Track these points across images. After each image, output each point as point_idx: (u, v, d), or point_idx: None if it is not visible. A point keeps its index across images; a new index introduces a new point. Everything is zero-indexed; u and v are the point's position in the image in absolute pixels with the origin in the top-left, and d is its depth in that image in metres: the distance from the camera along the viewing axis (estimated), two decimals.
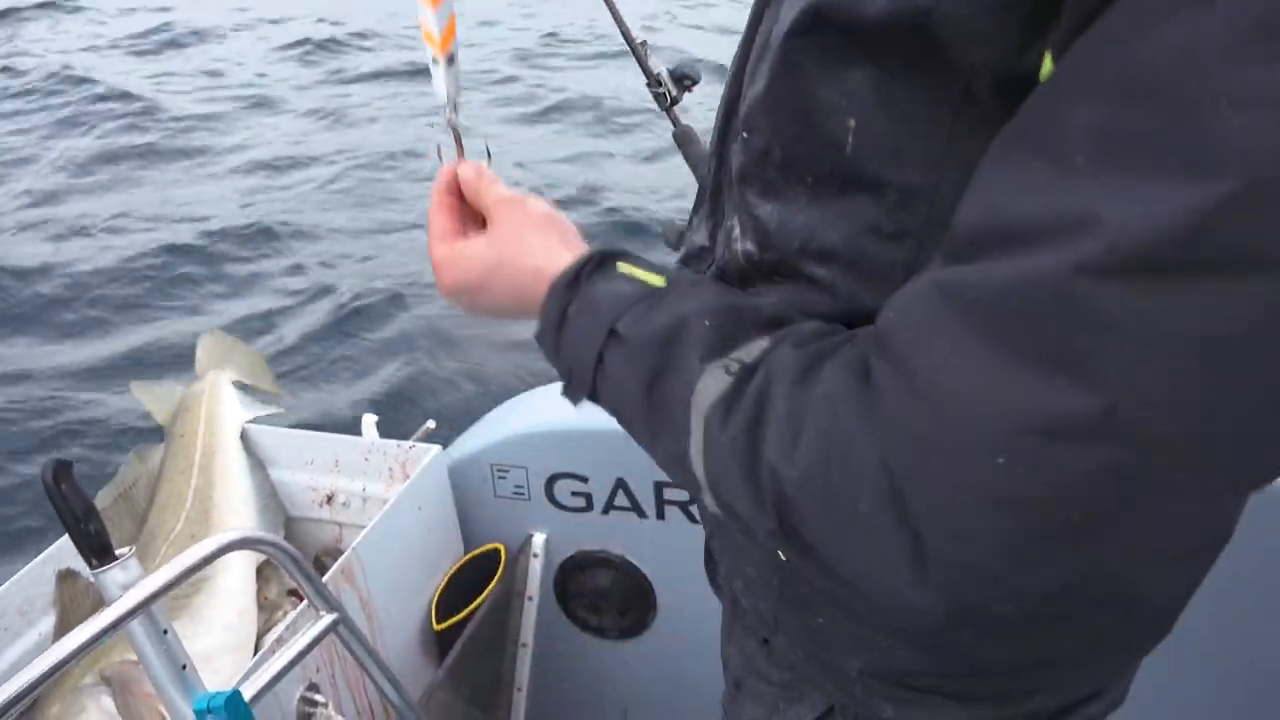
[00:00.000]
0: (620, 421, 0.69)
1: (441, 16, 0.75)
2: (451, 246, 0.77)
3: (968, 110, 0.53)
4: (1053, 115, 0.44)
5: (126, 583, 1.16)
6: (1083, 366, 0.43)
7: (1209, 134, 0.38)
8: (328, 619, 1.29)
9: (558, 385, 0.73)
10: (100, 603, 1.69)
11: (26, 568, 1.64)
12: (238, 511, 1.80)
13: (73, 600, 1.66)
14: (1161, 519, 0.47)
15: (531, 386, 1.88)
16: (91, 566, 1.16)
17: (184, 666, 1.18)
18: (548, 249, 0.72)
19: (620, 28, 1.68)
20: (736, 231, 0.71)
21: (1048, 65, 0.47)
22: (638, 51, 1.68)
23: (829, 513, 0.53)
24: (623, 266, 0.68)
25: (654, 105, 1.68)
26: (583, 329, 0.67)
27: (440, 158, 0.82)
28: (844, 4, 0.54)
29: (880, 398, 0.50)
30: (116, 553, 1.17)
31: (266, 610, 1.80)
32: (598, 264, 0.69)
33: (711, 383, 0.59)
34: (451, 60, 0.78)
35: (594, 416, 0.73)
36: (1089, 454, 0.44)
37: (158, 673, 1.16)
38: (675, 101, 1.67)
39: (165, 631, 1.16)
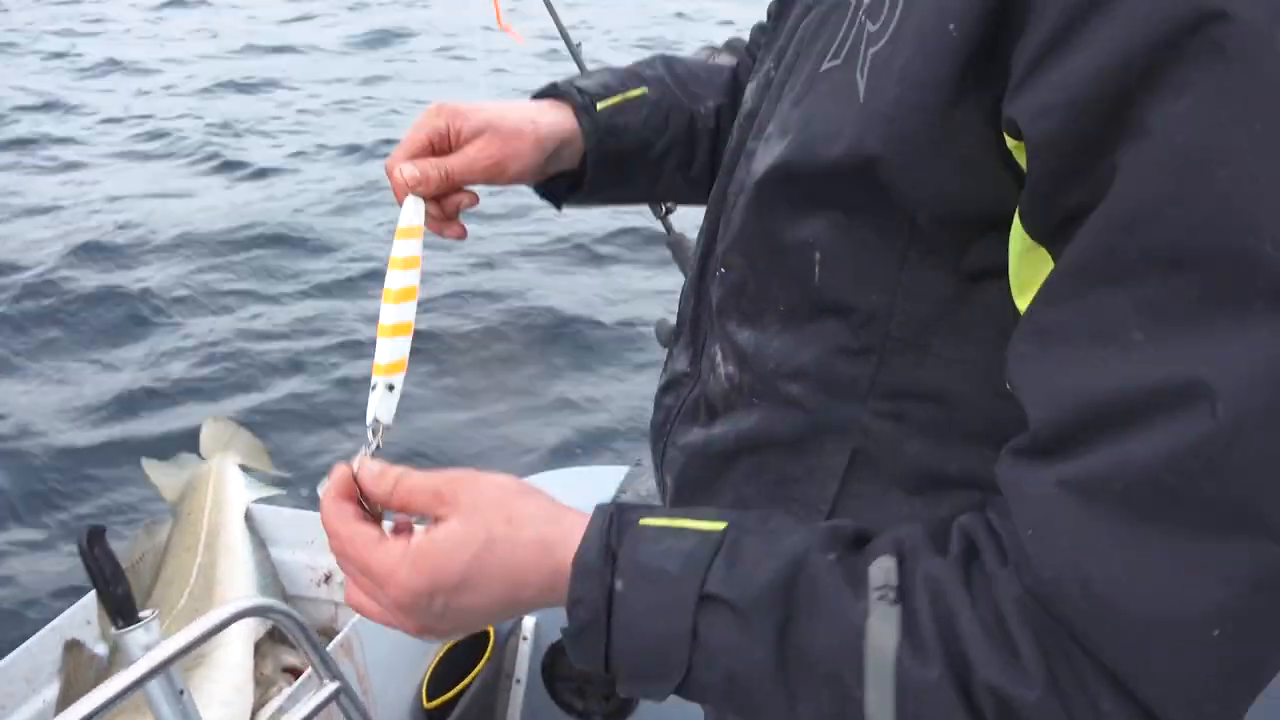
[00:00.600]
0: (731, 699, 0.59)
1: (396, 348, 0.78)
2: (394, 548, 0.62)
3: (915, 240, 0.61)
4: (1083, 309, 0.49)
5: (148, 644, 1.24)
6: (1255, 517, 0.45)
7: (1260, 276, 0.43)
8: (331, 687, 1.35)
9: (552, 473, 0.78)
10: (103, 673, 1.75)
11: (35, 636, 1.70)
12: (240, 589, 1.86)
13: (77, 670, 1.71)
14: None
15: (529, 472, 1.97)
16: (117, 626, 1.24)
17: None
18: (544, 518, 0.63)
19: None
20: (719, 358, 0.77)
21: (1017, 235, 0.53)
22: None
23: (1065, 715, 0.50)
24: (652, 520, 0.61)
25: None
26: (653, 604, 0.58)
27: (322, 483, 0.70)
28: (807, 156, 0.63)
29: (1069, 611, 0.49)
30: (140, 615, 1.25)
31: (262, 686, 1.85)
32: (619, 526, 0.61)
33: (881, 619, 0.54)
34: (391, 388, 0.78)
35: (587, 502, 0.72)
36: (1276, 589, 0.46)
37: None
38: (670, 210, 1.81)
39: (181, 693, 1.23)
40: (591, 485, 1.83)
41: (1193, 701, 0.48)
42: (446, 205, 0.86)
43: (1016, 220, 0.54)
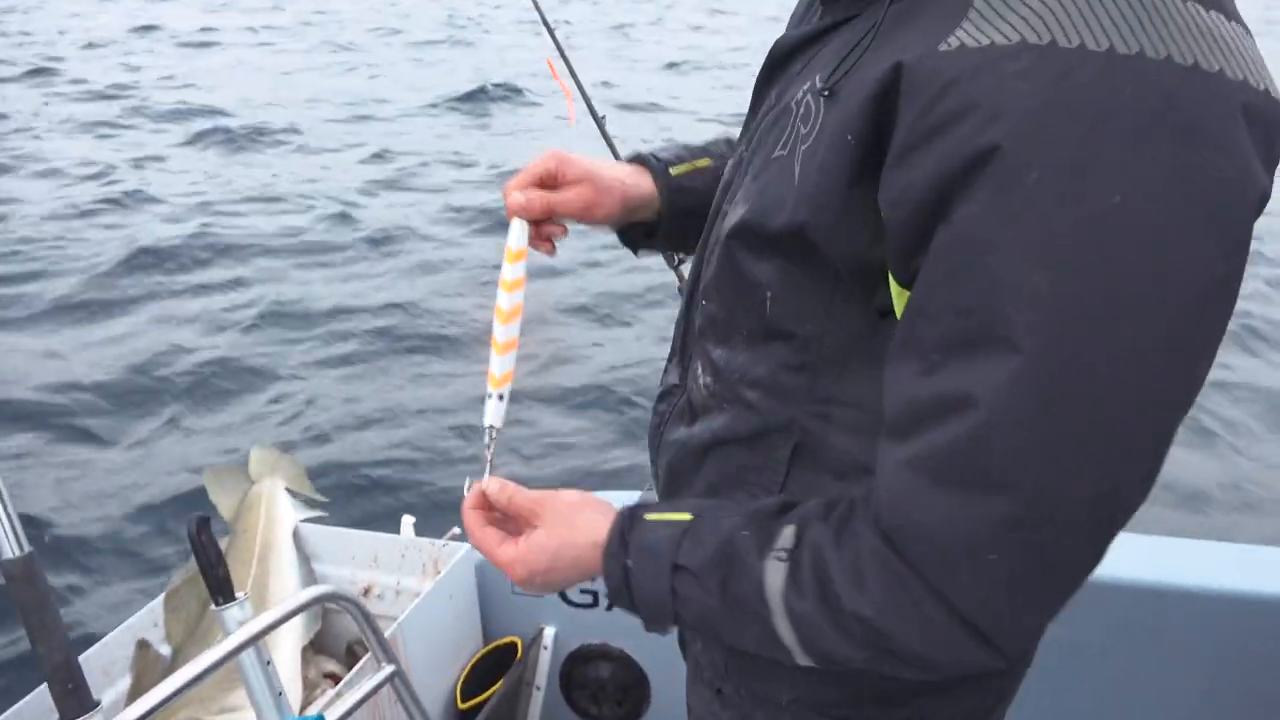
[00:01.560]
0: (703, 629, 0.85)
1: (506, 363, 0.98)
2: (514, 548, 0.91)
3: (838, 285, 0.79)
4: (913, 335, 0.69)
5: (242, 619, 1.43)
6: (1003, 482, 0.66)
7: (1011, 328, 0.63)
8: (388, 669, 1.55)
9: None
10: (167, 669, 1.94)
11: (111, 634, 1.89)
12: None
13: (146, 666, 1.90)
14: (1079, 567, 0.69)
15: None
16: (216, 604, 1.44)
17: (280, 693, 1.43)
18: (594, 525, 0.88)
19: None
20: (699, 370, 0.95)
21: (893, 284, 0.73)
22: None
23: (907, 627, 0.72)
24: (650, 516, 0.86)
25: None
26: (649, 575, 0.83)
27: (467, 485, 0.96)
28: (760, 219, 0.81)
29: (905, 545, 0.71)
30: (236, 594, 1.44)
31: (306, 688, 2.03)
32: (630, 522, 0.86)
33: (774, 572, 0.77)
34: (502, 398, 0.99)
35: None
36: (1035, 530, 0.66)
37: (259, 697, 1.41)
38: (681, 261, 2.06)
39: (268, 662, 1.42)
40: None
41: (985, 603, 0.70)
42: (542, 229, 1.05)
43: (890, 273, 0.73)
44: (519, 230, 1.02)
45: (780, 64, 0.92)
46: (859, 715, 0.95)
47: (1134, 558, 1.81)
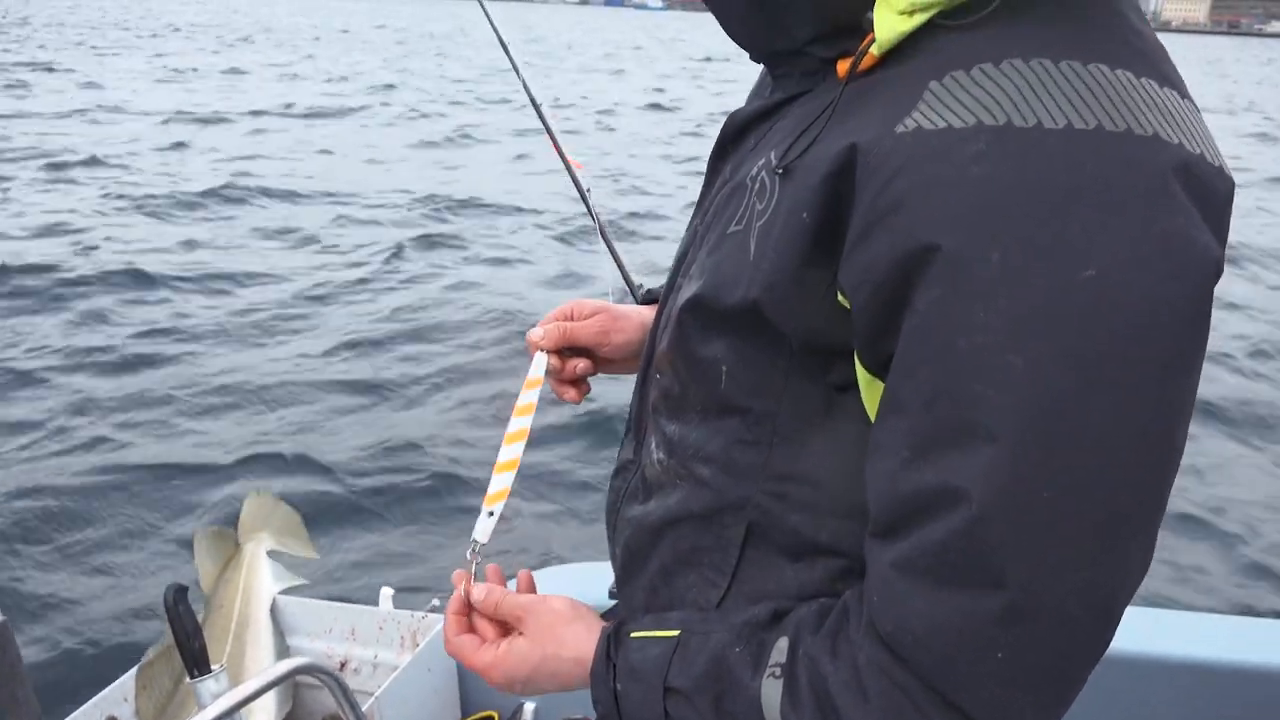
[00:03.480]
0: None
1: (502, 481, 1.00)
2: (493, 654, 0.90)
3: (793, 360, 0.79)
4: (890, 429, 0.68)
5: (218, 692, 1.41)
6: (999, 577, 0.64)
7: (991, 416, 0.62)
8: None
9: (553, 568, 0.95)
10: None
11: (80, 709, 1.85)
12: None
13: None
14: (1088, 655, 0.67)
15: (532, 566, 2.17)
16: (192, 676, 1.42)
17: None
18: (579, 641, 0.87)
19: (622, 273, 2.11)
20: (653, 445, 0.93)
21: (861, 370, 0.73)
22: (634, 293, 2.11)
23: None
24: (636, 634, 0.85)
25: None
26: (640, 699, 0.82)
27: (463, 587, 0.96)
28: (714, 295, 0.81)
29: (904, 651, 0.68)
30: (212, 666, 1.43)
31: None
32: (615, 642, 0.85)
33: (770, 691, 0.75)
34: (492, 514, 1.00)
35: (585, 595, 0.94)
36: (1037, 623, 0.64)
37: None
38: None
39: None
40: (587, 580, 2.02)
41: (993, 704, 0.67)
42: (566, 366, 1.10)
43: (857, 358, 0.73)
44: (538, 361, 1.08)
45: (734, 139, 0.92)
46: None
47: None
